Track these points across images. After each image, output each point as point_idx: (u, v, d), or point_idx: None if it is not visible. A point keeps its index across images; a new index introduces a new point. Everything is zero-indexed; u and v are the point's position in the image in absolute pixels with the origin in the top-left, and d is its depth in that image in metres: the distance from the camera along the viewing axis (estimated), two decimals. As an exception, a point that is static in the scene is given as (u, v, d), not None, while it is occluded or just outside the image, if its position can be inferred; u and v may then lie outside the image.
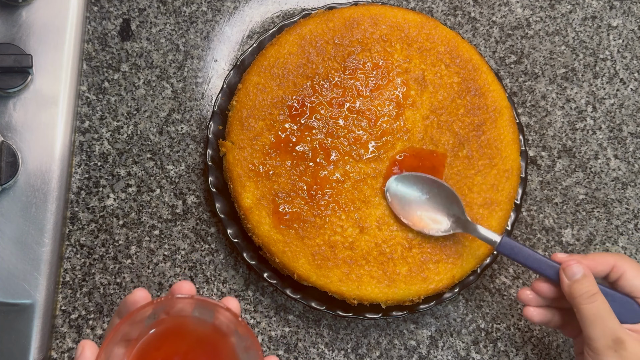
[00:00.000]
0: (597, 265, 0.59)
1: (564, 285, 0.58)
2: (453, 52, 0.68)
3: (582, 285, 0.57)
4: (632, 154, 0.74)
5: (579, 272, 0.58)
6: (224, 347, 0.49)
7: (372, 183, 0.65)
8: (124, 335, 0.47)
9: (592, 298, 0.56)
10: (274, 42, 0.67)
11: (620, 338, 0.55)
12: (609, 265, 0.59)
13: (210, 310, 0.48)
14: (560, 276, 0.59)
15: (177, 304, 0.48)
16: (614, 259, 0.59)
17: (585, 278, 0.57)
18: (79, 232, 0.67)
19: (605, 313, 0.56)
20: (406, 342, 0.69)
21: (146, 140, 0.69)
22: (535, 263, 0.60)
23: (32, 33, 0.67)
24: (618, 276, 0.58)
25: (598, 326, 0.56)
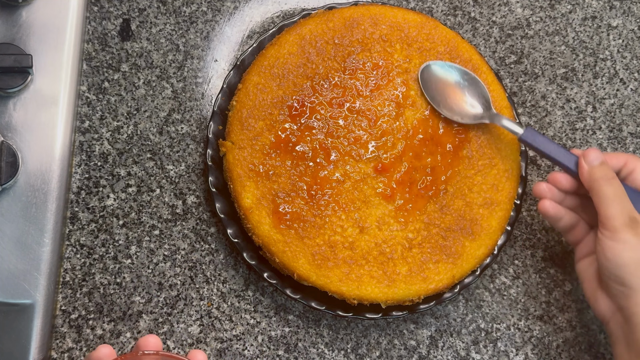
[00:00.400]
0: (611, 159, 0.62)
1: (584, 171, 0.61)
2: (453, 52, 0.68)
3: (601, 169, 0.60)
4: (632, 154, 0.74)
5: (598, 158, 0.61)
6: None
7: (372, 183, 0.65)
8: None
9: (611, 180, 0.59)
10: (274, 42, 0.67)
11: (635, 218, 0.58)
12: (621, 161, 0.62)
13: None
14: (579, 163, 0.61)
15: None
16: (626, 157, 0.62)
17: (603, 164, 0.61)
18: (79, 232, 0.67)
19: (623, 195, 0.59)
20: (406, 342, 0.69)
21: (146, 140, 0.69)
22: (555, 152, 0.62)
23: (32, 33, 0.67)
24: (629, 172, 0.61)
25: (616, 205, 0.58)
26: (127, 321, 0.66)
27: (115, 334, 0.66)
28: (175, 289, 0.67)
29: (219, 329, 0.67)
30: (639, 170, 0.61)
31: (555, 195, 0.63)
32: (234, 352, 0.67)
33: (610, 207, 0.58)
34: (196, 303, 0.67)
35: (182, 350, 0.66)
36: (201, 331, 0.67)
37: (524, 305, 0.70)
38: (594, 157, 0.61)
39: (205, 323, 0.67)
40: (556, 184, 0.63)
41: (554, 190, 0.63)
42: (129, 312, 0.66)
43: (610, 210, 0.58)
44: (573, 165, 0.62)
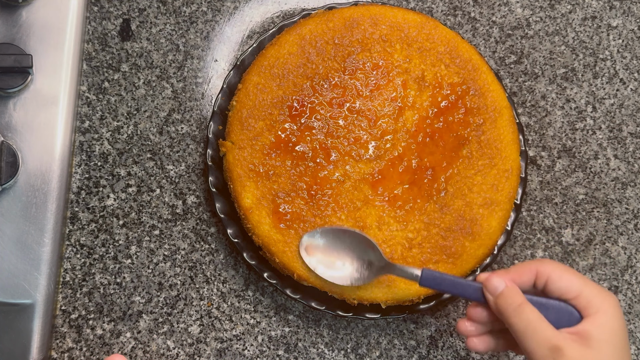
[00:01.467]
0: (520, 275, 0.56)
1: (490, 303, 0.56)
2: (453, 52, 0.68)
3: (505, 299, 0.55)
4: (632, 154, 0.74)
5: (500, 285, 0.56)
6: None
7: (372, 183, 0.65)
8: None
9: (518, 309, 0.54)
10: (274, 42, 0.67)
11: (556, 346, 0.52)
12: (532, 272, 0.56)
13: None
14: (485, 295, 0.57)
15: None
16: (535, 265, 0.57)
17: (507, 290, 0.55)
18: (79, 232, 0.67)
19: (536, 322, 0.53)
20: (406, 342, 0.69)
21: (146, 140, 0.69)
22: (460, 288, 0.58)
23: (32, 33, 0.67)
24: (544, 281, 0.56)
25: (531, 337, 0.53)
26: (127, 321, 0.66)
27: (115, 334, 0.66)
28: (175, 289, 0.67)
29: (219, 329, 0.67)
30: (553, 276, 0.55)
31: (480, 328, 0.58)
32: (234, 352, 0.67)
33: (525, 340, 0.53)
34: (196, 303, 0.67)
35: (182, 350, 0.66)
36: (201, 331, 0.67)
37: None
38: (495, 285, 0.56)
39: (205, 323, 0.67)
40: (476, 320, 0.58)
41: (477, 325, 0.58)
42: (129, 312, 0.66)
43: (526, 344, 0.53)
44: (481, 297, 0.57)
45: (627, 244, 0.72)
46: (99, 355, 0.65)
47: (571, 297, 0.55)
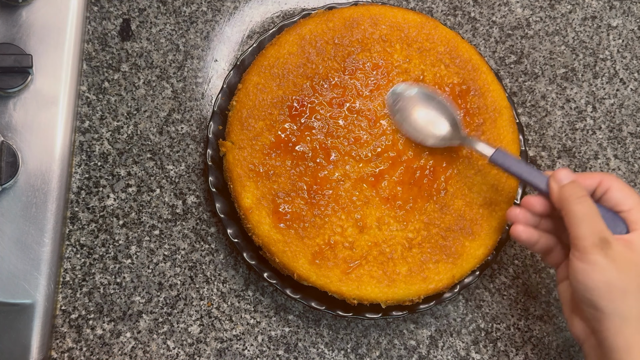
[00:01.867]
0: (585, 179, 0.60)
1: (553, 191, 0.59)
2: (453, 52, 0.68)
3: (570, 187, 0.58)
4: (632, 154, 0.74)
5: (568, 177, 0.59)
6: None
7: (372, 183, 0.65)
8: None
9: (580, 199, 0.57)
10: (274, 42, 0.67)
11: (606, 238, 0.55)
12: (595, 180, 0.60)
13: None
14: (549, 183, 0.59)
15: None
16: (600, 175, 0.60)
17: (573, 182, 0.59)
18: (79, 232, 0.67)
19: (593, 213, 0.56)
20: (406, 342, 0.69)
21: (146, 140, 0.69)
22: (527, 173, 0.61)
23: (32, 33, 0.67)
24: (604, 191, 0.59)
25: (586, 225, 0.56)
26: (127, 321, 0.66)
27: (116, 334, 0.66)
28: (175, 289, 0.67)
29: (219, 329, 0.67)
30: (614, 188, 0.59)
31: (529, 219, 0.61)
32: (234, 352, 0.67)
33: (580, 227, 0.56)
34: (196, 303, 0.67)
35: (182, 350, 0.66)
36: (201, 331, 0.67)
37: (524, 305, 0.70)
38: (563, 175, 0.59)
39: (205, 323, 0.67)
40: (530, 208, 0.61)
41: (528, 214, 0.61)
42: (129, 312, 0.66)
43: (579, 230, 0.56)
44: (544, 185, 0.60)
45: (627, 244, 0.72)
46: (99, 355, 0.65)
47: (624, 209, 0.58)
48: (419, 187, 0.65)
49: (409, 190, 0.65)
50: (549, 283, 0.71)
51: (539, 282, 0.71)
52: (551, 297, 0.71)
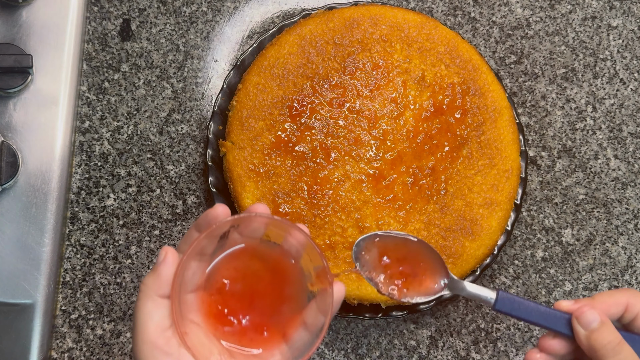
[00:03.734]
0: (609, 307, 0.51)
1: (581, 337, 0.50)
2: (453, 52, 0.68)
3: (602, 335, 0.50)
4: (632, 154, 0.74)
5: (596, 319, 0.50)
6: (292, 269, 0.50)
7: (372, 183, 0.65)
8: (201, 249, 0.48)
9: (617, 349, 0.50)
10: (274, 42, 0.67)
11: None
12: (621, 305, 0.51)
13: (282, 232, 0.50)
14: (574, 327, 0.51)
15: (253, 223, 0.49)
16: (626, 297, 0.52)
17: (604, 326, 0.50)
18: (79, 232, 0.67)
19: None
20: (406, 342, 0.69)
21: (146, 140, 0.69)
22: (541, 317, 0.52)
23: (32, 33, 0.67)
24: (634, 316, 0.51)
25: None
26: (127, 321, 0.66)
27: (116, 334, 0.66)
28: (175, 289, 0.67)
29: (219, 329, 0.67)
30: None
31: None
32: (234, 352, 0.67)
33: None
34: (196, 303, 0.67)
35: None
36: (201, 331, 0.67)
37: None
38: (591, 319, 0.50)
39: (205, 323, 0.67)
40: (550, 352, 0.52)
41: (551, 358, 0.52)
42: (129, 312, 0.66)
43: None
44: (565, 328, 0.51)
45: (627, 244, 0.72)
46: (99, 355, 0.65)
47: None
48: (419, 187, 0.65)
49: (409, 191, 0.65)
50: (549, 283, 0.71)
51: (539, 282, 0.71)
52: (551, 297, 0.71)
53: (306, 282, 0.50)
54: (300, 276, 0.50)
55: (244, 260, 0.50)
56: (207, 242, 0.48)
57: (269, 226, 0.50)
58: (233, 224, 0.48)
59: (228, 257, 0.50)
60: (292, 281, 0.51)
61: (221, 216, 0.48)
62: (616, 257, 0.72)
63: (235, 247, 0.50)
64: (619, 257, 0.72)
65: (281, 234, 0.50)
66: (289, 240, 0.50)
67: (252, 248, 0.51)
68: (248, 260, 0.50)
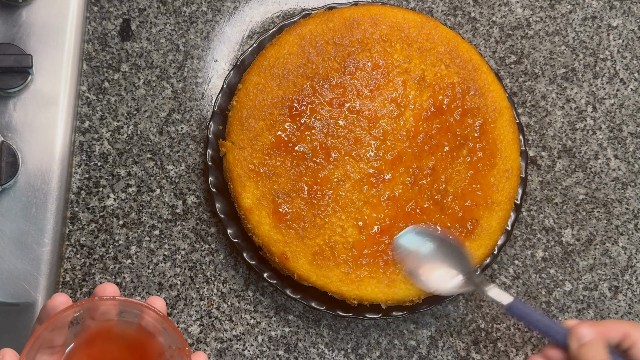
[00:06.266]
0: (608, 331, 0.56)
1: (572, 349, 0.55)
2: (453, 52, 0.68)
3: (589, 349, 0.54)
4: (632, 154, 0.74)
5: (588, 335, 0.55)
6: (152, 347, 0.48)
7: (372, 183, 0.65)
8: (47, 342, 0.46)
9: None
10: (274, 42, 0.67)
11: None
12: (621, 332, 0.55)
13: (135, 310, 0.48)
14: (568, 339, 0.56)
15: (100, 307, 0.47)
16: (627, 326, 0.56)
17: (593, 342, 0.54)
18: (79, 232, 0.67)
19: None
20: (406, 342, 0.69)
21: (146, 140, 0.69)
22: (544, 327, 0.58)
23: (32, 33, 0.67)
24: (630, 344, 0.55)
25: None
26: (127, 321, 0.66)
27: (115, 334, 0.66)
28: (175, 289, 0.67)
29: (219, 329, 0.67)
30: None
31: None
32: (234, 352, 0.67)
33: None
34: (196, 303, 0.67)
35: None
36: (201, 331, 0.67)
37: None
38: (584, 333, 0.55)
39: (205, 323, 0.67)
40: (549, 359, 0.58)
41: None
42: (129, 312, 0.66)
43: None
44: (564, 340, 0.57)
45: (627, 244, 0.72)
46: (99, 356, 0.65)
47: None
48: (419, 187, 0.65)
49: (409, 191, 0.65)
50: (549, 283, 0.71)
51: (539, 282, 0.71)
52: (551, 297, 0.71)
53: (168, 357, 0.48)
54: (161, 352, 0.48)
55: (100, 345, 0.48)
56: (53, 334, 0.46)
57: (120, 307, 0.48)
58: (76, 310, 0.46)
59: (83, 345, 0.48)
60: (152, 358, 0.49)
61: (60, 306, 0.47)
62: (616, 257, 0.72)
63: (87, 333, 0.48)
64: (619, 257, 0.72)
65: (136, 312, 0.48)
66: (145, 318, 0.48)
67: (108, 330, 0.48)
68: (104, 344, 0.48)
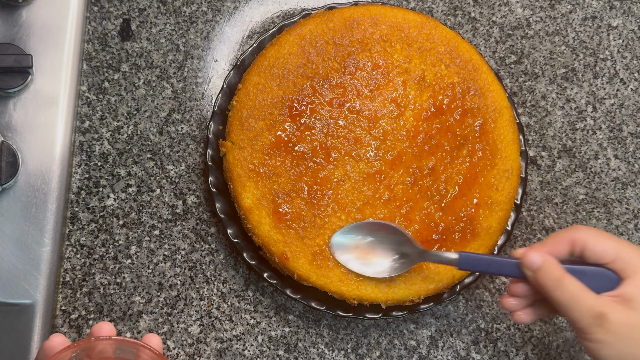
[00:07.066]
0: (556, 246, 0.57)
1: (529, 278, 0.56)
2: (453, 52, 0.68)
3: (545, 273, 0.55)
4: (632, 154, 0.74)
5: (537, 260, 0.56)
6: None
7: (372, 183, 0.65)
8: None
9: (558, 282, 0.55)
10: (274, 42, 0.67)
11: (600, 312, 0.53)
12: (567, 242, 0.57)
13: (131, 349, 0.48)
14: (523, 271, 0.57)
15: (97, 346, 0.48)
16: (570, 233, 0.57)
17: (546, 264, 0.56)
18: (79, 232, 0.67)
19: (578, 293, 0.54)
20: (406, 342, 0.69)
21: (146, 140, 0.69)
22: (498, 267, 0.59)
23: (32, 33, 0.67)
24: (580, 249, 0.56)
25: (574, 308, 0.54)
26: (127, 321, 0.66)
27: (115, 334, 0.66)
28: (175, 289, 0.67)
29: (219, 329, 0.67)
30: (590, 243, 0.56)
31: (524, 302, 0.59)
32: (234, 352, 0.67)
33: (570, 311, 0.54)
34: (196, 303, 0.67)
35: (182, 350, 0.66)
36: (201, 331, 0.67)
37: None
38: (532, 261, 0.56)
39: (205, 323, 0.67)
40: (518, 294, 0.59)
41: (520, 299, 0.59)
42: (129, 312, 0.66)
43: (571, 315, 0.54)
44: (519, 273, 0.57)
45: (627, 244, 0.72)
46: (99, 356, 0.65)
47: (608, 261, 0.55)
48: (419, 187, 0.65)
49: (409, 191, 0.65)
50: (549, 283, 0.71)
51: (539, 282, 0.71)
52: (551, 297, 0.71)
53: None
54: None
55: None
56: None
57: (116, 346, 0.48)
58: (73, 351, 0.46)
59: None
60: None
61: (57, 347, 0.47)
62: (616, 257, 0.72)
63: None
64: (619, 257, 0.72)
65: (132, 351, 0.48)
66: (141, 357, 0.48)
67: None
68: None
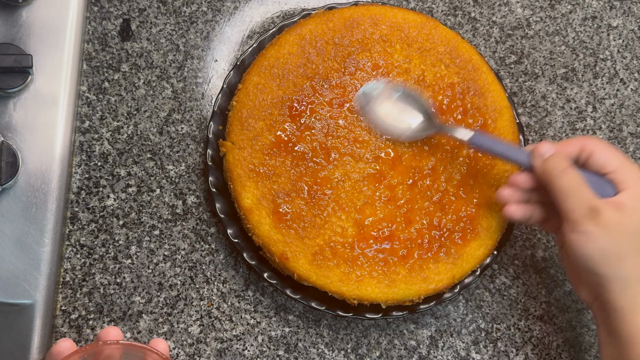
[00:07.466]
0: (567, 147, 0.60)
1: (536, 165, 0.59)
2: (453, 52, 0.68)
3: (552, 161, 0.58)
4: (632, 154, 0.74)
5: (549, 149, 0.59)
6: None
7: (372, 183, 0.65)
8: None
9: (564, 172, 0.57)
10: (274, 42, 0.67)
11: (595, 207, 0.56)
12: (578, 146, 0.59)
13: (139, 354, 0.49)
14: (531, 159, 0.60)
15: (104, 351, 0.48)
16: (583, 140, 0.60)
17: (555, 155, 0.58)
18: (79, 232, 0.67)
19: (579, 184, 0.57)
20: (406, 342, 0.69)
21: (146, 140, 0.69)
22: (508, 151, 0.61)
23: (32, 33, 0.67)
24: (588, 156, 0.59)
25: (573, 197, 0.56)
26: (127, 321, 0.66)
27: (115, 334, 0.66)
28: (175, 289, 0.67)
29: (219, 329, 0.67)
30: (597, 151, 0.59)
31: (520, 197, 0.61)
32: (234, 352, 0.67)
33: (567, 200, 0.56)
34: (196, 303, 0.67)
35: (182, 350, 0.66)
36: (201, 331, 0.67)
37: (524, 305, 0.70)
38: (544, 149, 0.59)
39: (205, 323, 0.67)
40: (518, 185, 0.61)
41: (517, 192, 0.61)
42: (129, 312, 0.66)
43: (567, 203, 0.56)
44: (527, 161, 0.60)
45: (627, 244, 0.72)
46: (99, 356, 0.65)
47: (610, 170, 0.58)
48: (419, 187, 0.65)
49: (409, 191, 0.65)
50: (549, 283, 0.71)
51: (539, 282, 0.71)
52: (551, 297, 0.71)
53: None
54: None
55: None
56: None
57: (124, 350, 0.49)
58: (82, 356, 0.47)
59: None
60: None
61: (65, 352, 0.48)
62: (616, 257, 0.72)
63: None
64: (619, 257, 0.72)
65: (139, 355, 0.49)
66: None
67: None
68: None
